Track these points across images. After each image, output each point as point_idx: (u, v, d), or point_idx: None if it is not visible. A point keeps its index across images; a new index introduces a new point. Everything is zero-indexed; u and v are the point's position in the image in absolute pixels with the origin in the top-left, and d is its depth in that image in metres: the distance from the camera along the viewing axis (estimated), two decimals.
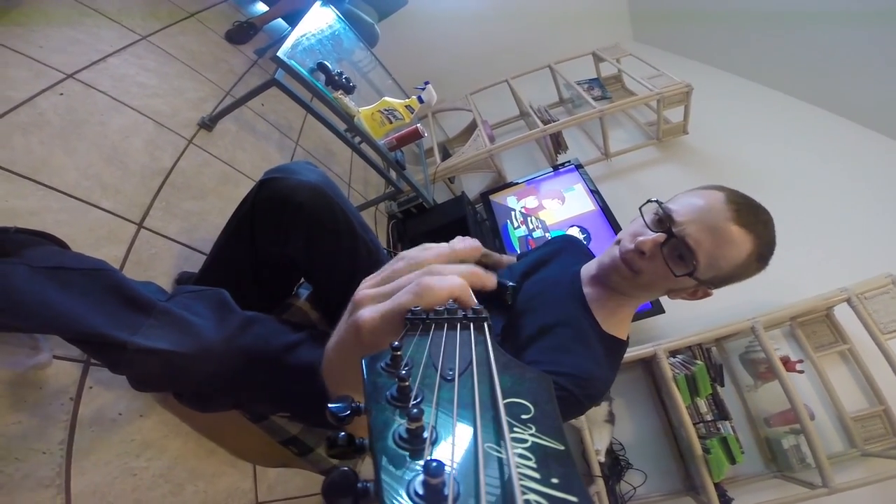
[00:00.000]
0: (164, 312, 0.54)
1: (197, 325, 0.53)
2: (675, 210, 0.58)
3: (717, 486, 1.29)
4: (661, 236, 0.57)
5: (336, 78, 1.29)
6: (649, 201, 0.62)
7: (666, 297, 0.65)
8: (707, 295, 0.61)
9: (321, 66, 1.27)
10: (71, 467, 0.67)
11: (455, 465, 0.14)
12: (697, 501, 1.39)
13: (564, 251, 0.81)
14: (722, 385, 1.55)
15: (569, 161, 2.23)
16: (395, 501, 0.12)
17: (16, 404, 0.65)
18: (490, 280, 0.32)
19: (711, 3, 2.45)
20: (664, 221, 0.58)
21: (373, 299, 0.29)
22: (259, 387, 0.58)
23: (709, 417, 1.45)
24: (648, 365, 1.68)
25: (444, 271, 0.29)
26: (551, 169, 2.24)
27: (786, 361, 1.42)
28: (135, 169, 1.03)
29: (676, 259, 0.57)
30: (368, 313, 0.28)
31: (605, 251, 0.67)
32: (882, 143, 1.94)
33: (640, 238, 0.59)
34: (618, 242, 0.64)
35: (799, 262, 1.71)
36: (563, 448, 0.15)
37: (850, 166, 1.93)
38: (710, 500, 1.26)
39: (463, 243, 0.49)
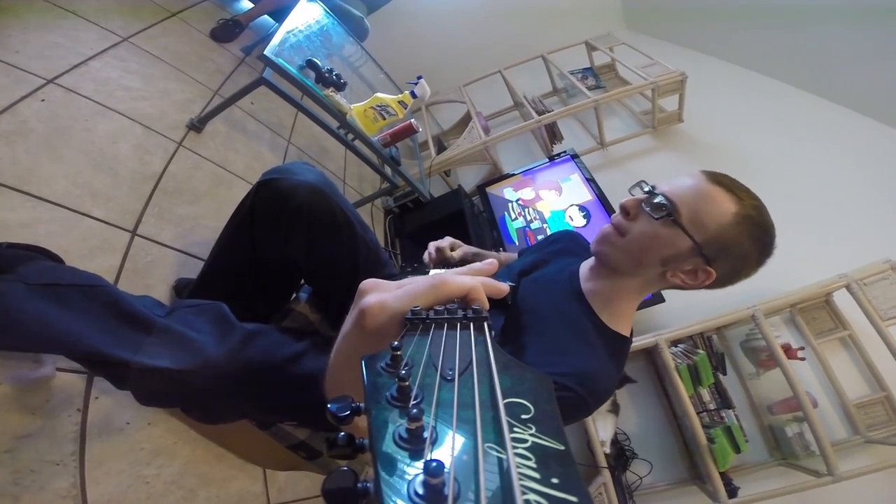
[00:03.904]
0: (165, 330, 0.53)
1: (198, 342, 0.53)
2: (659, 184, 0.60)
3: (722, 475, 1.29)
4: (641, 195, 0.59)
5: (326, 75, 1.26)
6: (638, 183, 0.63)
7: (666, 284, 0.61)
8: (709, 276, 0.57)
9: (310, 64, 1.24)
10: (85, 477, 0.67)
11: (455, 465, 0.14)
12: (703, 490, 1.40)
13: (565, 249, 0.80)
14: (724, 374, 1.56)
15: (564, 151, 2.22)
16: (395, 501, 0.12)
17: (24, 418, 0.65)
18: (503, 287, 0.31)
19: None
20: (649, 188, 0.60)
21: (380, 286, 0.29)
22: (264, 399, 0.58)
23: (712, 406, 1.45)
24: (650, 355, 1.69)
25: (458, 275, 0.29)
26: (547, 159, 2.23)
27: (787, 349, 1.42)
28: (125, 175, 1.00)
29: (654, 210, 0.57)
30: (375, 298, 0.27)
31: None
32: (876, 129, 1.94)
33: (623, 200, 0.61)
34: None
35: (797, 249, 1.70)
36: (563, 448, 0.15)
37: (845, 152, 1.92)
38: (716, 489, 1.26)
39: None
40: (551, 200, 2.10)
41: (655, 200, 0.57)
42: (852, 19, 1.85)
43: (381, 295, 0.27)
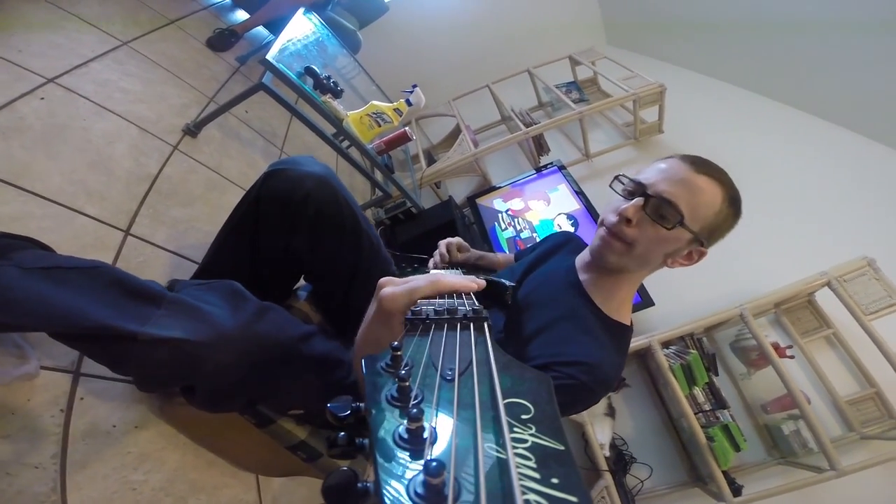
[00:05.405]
0: (175, 302, 0.51)
1: (211, 314, 0.51)
2: (643, 176, 0.61)
3: (724, 474, 1.28)
4: (640, 200, 0.58)
5: (324, 82, 1.29)
6: (616, 177, 0.64)
7: (665, 267, 0.63)
8: (703, 255, 0.62)
9: (309, 71, 1.27)
10: (66, 482, 0.63)
11: (455, 465, 0.14)
12: (706, 491, 1.38)
13: (562, 247, 0.82)
14: (716, 375, 1.58)
15: (551, 163, 2.29)
16: (395, 501, 0.12)
17: (3, 417, 0.61)
18: (478, 282, 0.41)
19: (680, 12, 2.59)
20: (637, 189, 0.60)
21: (393, 281, 0.37)
22: (274, 377, 0.56)
23: (707, 407, 1.46)
24: (643, 358, 1.71)
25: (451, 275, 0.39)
26: (535, 171, 2.29)
27: (776, 347, 1.44)
28: (120, 175, 0.99)
29: (660, 218, 0.58)
30: (389, 289, 0.36)
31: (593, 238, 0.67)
32: (846, 137, 2.05)
33: (622, 207, 0.60)
34: (601, 224, 0.64)
35: (778, 251, 1.77)
36: (563, 448, 0.15)
37: (818, 159, 2.03)
38: (721, 488, 1.25)
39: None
40: (540, 210, 2.15)
41: (658, 207, 0.57)
42: (821, 33, 1.98)
43: (394, 287, 0.36)
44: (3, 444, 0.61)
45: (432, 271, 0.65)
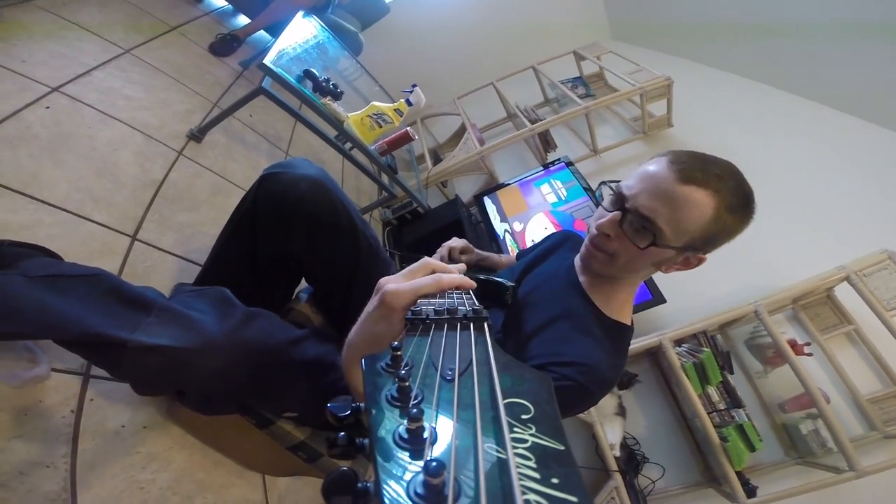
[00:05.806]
0: (165, 309, 0.52)
1: (198, 321, 0.52)
2: (627, 184, 0.58)
3: (739, 474, 1.25)
4: (616, 214, 0.57)
5: (323, 84, 1.30)
6: (602, 184, 0.61)
7: (660, 272, 0.61)
8: (701, 261, 0.59)
9: (308, 73, 1.28)
10: (76, 481, 0.65)
11: (455, 465, 0.14)
12: (720, 492, 1.36)
13: (563, 245, 0.81)
14: (731, 373, 1.54)
15: (559, 159, 2.26)
16: (395, 501, 0.12)
17: (16, 418, 0.63)
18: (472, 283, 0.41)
19: (685, 6, 2.53)
20: (619, 199, 0.58)
21: (396, 278, 0.36)
22: (264, 382, 0.57)
23: (721, 406, 1.42)
24: (654, 357, 1.67)
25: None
26: (542, 167, 2.27)
27: (793, 345, 1.40)
28: (125, 181, 1.02)
29: (640, 231, 0.55)
30: (392, 285, 0.34)
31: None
32: (862, 127, 1.98)
33: (599, 221, 0.58)
34: (588, 232, 0.63)
35: (794, 246, 1.72)
36: (563, 448, 0.15)
37: (834, 150, 1.96)
38: (734, 489, 1.22)
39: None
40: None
41: (635, 223, 0.55)
42: (832, 26, 1.92)
43: (397, 283, 0.35)
44: (16, 443, 0.63)
45: None
